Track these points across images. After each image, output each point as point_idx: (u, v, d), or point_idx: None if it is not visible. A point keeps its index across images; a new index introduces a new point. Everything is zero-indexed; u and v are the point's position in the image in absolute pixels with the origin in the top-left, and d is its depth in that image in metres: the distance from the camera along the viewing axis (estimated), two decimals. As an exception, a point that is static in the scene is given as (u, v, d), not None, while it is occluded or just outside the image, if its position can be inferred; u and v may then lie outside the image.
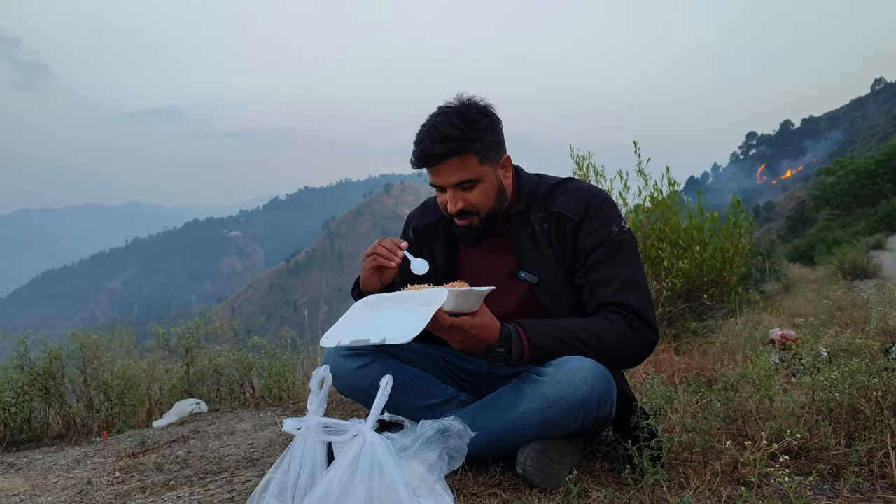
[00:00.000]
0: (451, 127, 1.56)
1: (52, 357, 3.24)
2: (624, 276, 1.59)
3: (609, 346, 1.54)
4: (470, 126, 1.58)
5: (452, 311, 1.39)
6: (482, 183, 1.63)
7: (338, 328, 1.45)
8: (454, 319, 1.39)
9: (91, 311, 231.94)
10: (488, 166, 1.63)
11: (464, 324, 1.40)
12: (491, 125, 1.63)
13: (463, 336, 1.42)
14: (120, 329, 4.11)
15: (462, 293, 1.39)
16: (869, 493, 1.44)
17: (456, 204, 1.63)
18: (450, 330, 1.41)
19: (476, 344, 1.45)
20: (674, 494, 1.42)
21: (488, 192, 1.64)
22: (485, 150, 1.60)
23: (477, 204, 1.64)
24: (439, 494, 1.28)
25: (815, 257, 16.26)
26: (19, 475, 2.25)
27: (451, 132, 1.56)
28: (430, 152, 1.57)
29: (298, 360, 3.96)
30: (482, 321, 1.44)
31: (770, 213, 59.06)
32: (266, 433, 2.58)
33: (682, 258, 4.19)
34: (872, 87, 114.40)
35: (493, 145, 1.63)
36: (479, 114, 1.61)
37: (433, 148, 1.56)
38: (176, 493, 1.79)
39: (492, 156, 1.63)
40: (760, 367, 1.92)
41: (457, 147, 1.56)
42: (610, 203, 1.69)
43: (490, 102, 1.66)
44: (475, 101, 1.64)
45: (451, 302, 1.37)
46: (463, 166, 1.59)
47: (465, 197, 1.63)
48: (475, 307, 1.44)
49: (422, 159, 1.60)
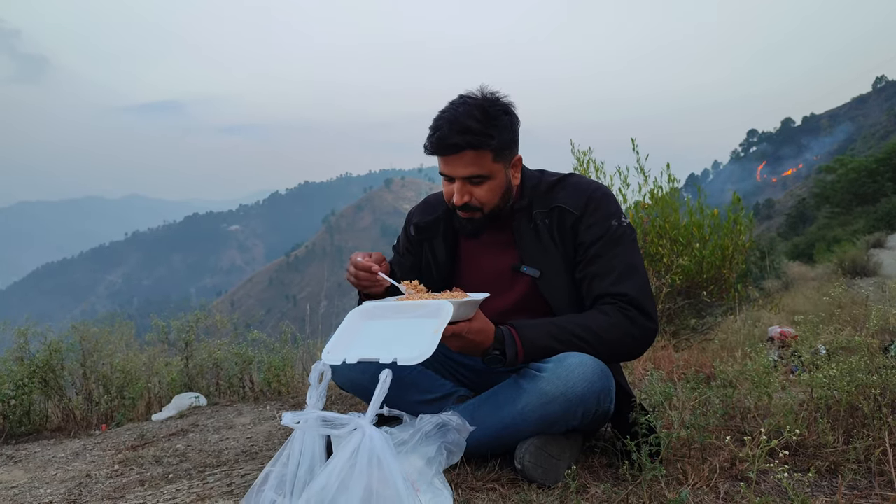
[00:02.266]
0: (473, 119, 1.54)
1: (51, 350, 3.24)
2: (622, 267, 1.59)
3: (606, 339, 1.54)
4: (491, 121, 1.56)
5: (452, 320, 1.39)
6: (492, 180, 1.62)
7: (337, 341, 1.42)
8: (452, 328, 1.40)
9: (91, 304, 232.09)
10: (501, 164, 1.62)
11: (461, 330, 1.41)
12: (510, 124, 1.61)
13: (461, 342, 1.43)
14: (119, 322, 4.11)
15: (463, 304, 1.40)
16: (867, 491, 1.44)
17: (462, 197, 1.62)
18: (449, 338, 1.41)
19: (473, 348, 1.46)
20: (672, 490, 1.43)
21: (496, 189, 1.64)
22: (500, 148, 1.59)
23: (483, 200, 1.64)
24: (438, 489, 1.28)
25: (815, 255, 16.27)
26: (18, 467, 2.25)
27: (471, 124, 1.53)
28: (448, 141, 1.55)
29: (298, 354, 3.97)
30: (479, 326, 1.45)
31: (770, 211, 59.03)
32: (265, 427, 2.58)
33: (682, 255, 4.19)
34: (874, 85, 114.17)
35: (508, 144, 1.62)
36: (501, 111, 1.59)
37: (451, 137, 1.54)
38: (175, 486, 1.79)
39: (505, 154, 1.62)
40: (759, 364, 1.92)
41: (475, 140, 1.54)
42: (610, 197, 1.68)
43: (512, 101, 1.63)
44: (498, 97, 1.61)
45: (452, 313, 1.37)
46: (476, 161, 1.57)
47: (473, 191, 1.62)
48: (471, 314, 1.45)
49: (437, 147, 1.58)
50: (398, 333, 1.38)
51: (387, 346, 1.34)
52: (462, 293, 1.50)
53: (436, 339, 1.29)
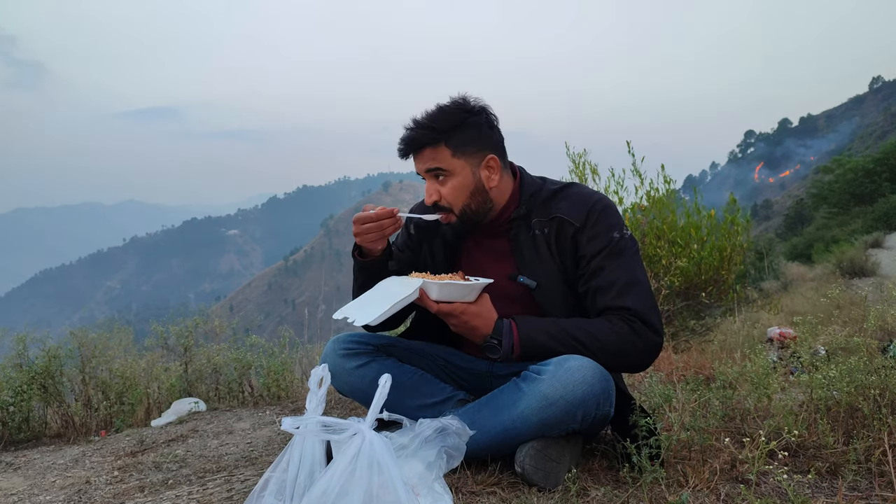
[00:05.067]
0: (428, 118, 1.62)
1: (50, 356, 3.24)
2: (624, 280, 1.59)
3: (607, 345, 1.53)
4: (445, 119, 1.62)
5: (439, 299, 1.53)
6: (454, 177, 1.64)
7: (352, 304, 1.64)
8: (443, 306, 1.53)
9: (89, 310, 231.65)
10: (462, 161, 1.64)
11: (454, 310, 1.53)
12: (472, 123, 1.64)
13: (455, 321, 1.55)
14: (118, 328, 4.11)
15: (445, 285, 1.52)
16: (867, 492, 1.44)
17: (431, 195, 1.67)
18: (446, 315, 1.54)
19: (469, 330, 1.56)
20: (672, 493, 1.42)
21: (460, 188, 1.65)
22: (460, 145, 1.62)
23: (449, 199, 1.66)
24: (438, 493, 1.28)
25: (814, 255, 16.29)
26: (17, 474, 2.24)
27: (426, 122, 1.62)
28: (406, 138, 1.65)
29: (297, 358, 3.96)
30: (476, 310, 1.55)
31: (768, 212, 59.14)
32: (265, 432, 2.58)
33: (681, 256, 4.20)
34: (871, 86, 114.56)
35: (470, 141, 1.64)
36: (461, 109, 1.64)
37: (409, 134, 1.64)
38: (175, 492, 1.78)
39: (469, 152, 1.64)
40: (759, 365, 1.93)
41: (426, 136, 1.62)
42: (612, 209, 1.68)
43: (486, 104, 1.67)
44: (466, 100, 1.66)
45: (436, 291, 1.52)
46: (435, 156, 1.63)
47: (440, 189, 1.67)
48: (470, 297, 1.55)
49: (401, 145, 1.67)
50: (377, 301, 1.56)
51: (355, 309, 1.56)
52: (462, 276, 1.61)
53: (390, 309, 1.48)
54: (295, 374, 3.68)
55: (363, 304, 1.59)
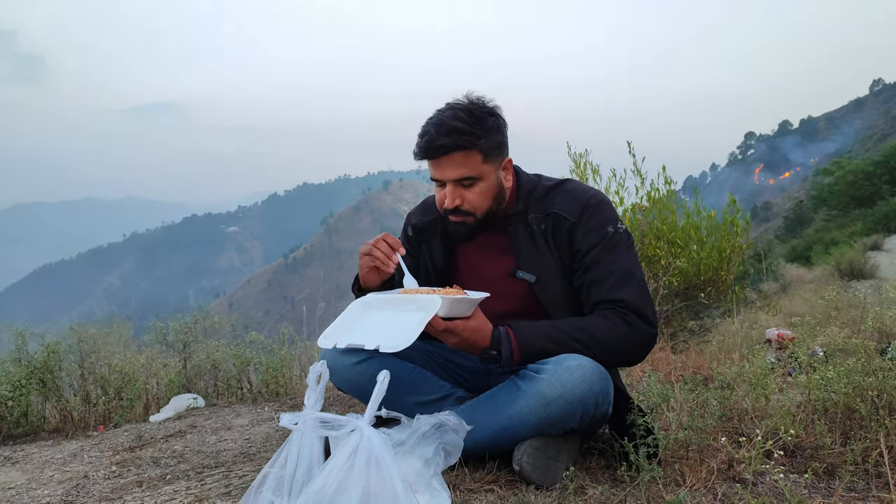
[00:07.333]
0: (459, 121, 1.57)
1: (49, 351, 3.24)
2: (619, 273, 1.60)
3: (604, 342, 1.54)
4: (477, 122, 1.59)
5: (447, 316, 1.44)
6: (483, 182, 1.64)
7: (335, 328, 1.49)
8: (447, 324, 1.45)
9: (89, 306, 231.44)
10: (490, 166, 1.64)
11: (456, 327, 1.46)
12: (497, 126, 1.64)
13: (456, 338, 1.48)
14: (118, 323, 4.11)
15: (456, 301, 1.44)
16: (864, 492, 1.45)
17: (454, 200, 1.63)
18: (444, 333, 1.46)
19: (469, 346, 1.50)
20: (669, 492, 1.43)
21: (488, 191, 1.65)
22: (489, 150, 1.61)
23: (475, 203, 1.65)
24: (436, 490, 1.28)
25: (813, 257, 16.29)
26: (16, 469, 2.25)
27: (458, 126, 1.56)
28: (435, 143, 1.57)
29: (296, 355, 3.96)
30: (475, 325, 1.49)
31: (768, 214, 59.15)
32: (263, 428, 2.58)
33: (680, 257, 4.20)
34: (871, 88, 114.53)
35: (497, 146, 1.64)
36: (487, 113, 1.63)
37: (438, 139, 1.57)
38: (172, 487, 1.79)
39: (495, 156, 1.64)
40: (757, 365, 1.93)
41: (462, 141, 1.57)
42: (606, 204, 1.69)
43: (498, 105, 1.67)
44: (484, 101, 1.65)
45: (445, 308, 1.42)
46: (465, 162, 1.59)
47: (464, 195, 1.64)
48: (468, 312, 1.49)
49: (426, 150, 1.60)
50: (388, 324, 1.45)
51: (374, 335, 1.41)
52: (460, 290, 1.53)
53: (417, 330, 1.35)
54: (294, 371, 3.68)
55: (372, 327, 1.47)
